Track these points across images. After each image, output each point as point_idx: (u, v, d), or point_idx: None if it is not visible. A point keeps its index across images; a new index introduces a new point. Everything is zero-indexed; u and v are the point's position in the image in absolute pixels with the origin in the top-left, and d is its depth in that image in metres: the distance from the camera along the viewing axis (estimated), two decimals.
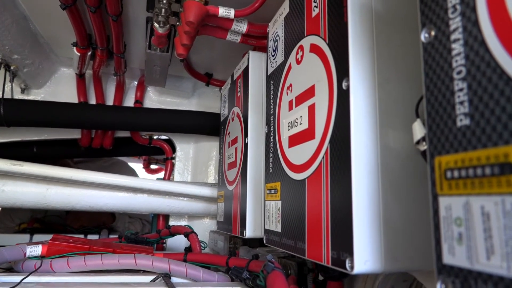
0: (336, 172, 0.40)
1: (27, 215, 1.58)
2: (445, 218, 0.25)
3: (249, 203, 0.70)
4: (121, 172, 1.69)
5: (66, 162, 1.54)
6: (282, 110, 0.58)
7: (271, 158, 0.61)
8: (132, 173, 2.00)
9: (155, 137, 1.40)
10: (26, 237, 1.33)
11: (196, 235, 0.85)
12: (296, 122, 0.52)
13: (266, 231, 0.60)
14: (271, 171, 0.60)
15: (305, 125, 0.49)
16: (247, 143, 0.74)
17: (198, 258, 0.74)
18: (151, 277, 0.65)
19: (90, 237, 1.33)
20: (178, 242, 1.16)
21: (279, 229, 0.54)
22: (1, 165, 0.94)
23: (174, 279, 0.66)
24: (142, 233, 1.13)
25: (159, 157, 2.06)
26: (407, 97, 0.41)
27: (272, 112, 0.63)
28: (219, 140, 1.06)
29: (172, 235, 0.93)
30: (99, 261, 0.66)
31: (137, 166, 2.45)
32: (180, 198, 1.13)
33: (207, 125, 1.18)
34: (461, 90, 0.25)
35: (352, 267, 0.35)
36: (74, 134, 1.27)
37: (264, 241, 0.60)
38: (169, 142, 1.39)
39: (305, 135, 0.48)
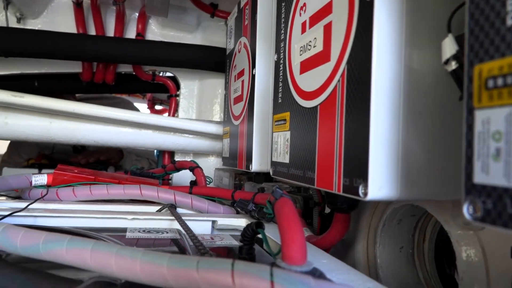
0: (353, 95, 0.37)
1: (35, 151, 1.59)
2: (480, 134, 0.22)
3: (256, 136, 0.68)
4: None
5: (67, 99, 1.51)
6: (294, 34, 0.53)
7: (280, 88, 0.57)
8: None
9: (159, 74, 1.35)
10: (34, 171, 1.35)
11: (202, 169, 0.85)
12: (309, 45, 0.47)
13: (273, 163, 0.58)
14: (280, 101, 0.57)
15: (319, 47, 0.45)
16: (255, 74, 0.70)
17: (204, 191, 0.74)
18: (157, 208, 0.66)
19: None
20: (184, 178, 1.16)
21: (287, 160, 0.52)
22: (1, 96, 0.92)
23: (179, 210, 0.66)
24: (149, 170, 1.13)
25: (163, 96, 2.02)
26: (438, 10, 0.36)
27: (282, 38, 0.58)
28: (224, 75, 1.01)
29: (178, 170, 0.92)
30: (105, 190, 0.66)
31: (141, 106, 2.42)
32: (185, 135, 1.11)
33: (212, 60, 1.13)
34: None
35: (365, 194, 0.33)
36: (75, 68, 1.22)
37: (271, 173, 0.59)
38: (173, 79, 1.35)
39: (319, 58, 0.44)
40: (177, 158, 1.27)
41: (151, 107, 2.41)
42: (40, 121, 1.01)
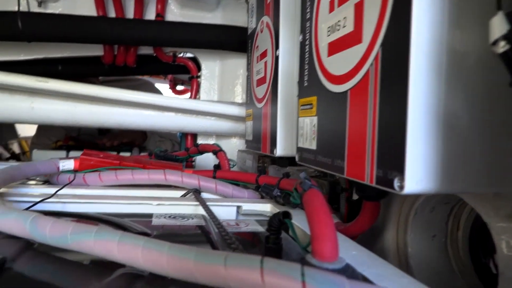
0: (388, 80, 0.34)
1: (62, 133, 1.63)
2: None
3: (280, 120, 0.66)
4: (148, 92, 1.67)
5: (91, 82, 1.53)
6: (321, 13, 0.50)
7: (306, 70, 0.55)
8: (158, 93, 1.98)
9: (180, 55, 1.34)
10: (63, 153, 1.38)
11: (225, 153, 0.84)
12: (338, 26, 0.44)
13: (299, 149, 0.56)
14: (305, 84, 0.55)
15: (349, 28, 0.42)
16: (278, 55, 0.67)
17: (227, 175, 0.74)
18: (181, 192, 0.66)
19: (121, 154, 1.36)
20: (207, 160, 1.17)
21: (314, 147, 0.50)
22: (27, 82, 0.93)
23: (203, 195, 0.66)
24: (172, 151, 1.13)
25: (185, 76, 2.01)
26: None
27: (308, 17, 0.55)
28: (246, 56, 0.99)
29: (201, 153, 0.92)
30: (130, 175, 0.67)
31: (163, 87, 2.43)
32: (207, 117, 1.11)
33: (233, 40, 1.10)
34: None
35: (401, 187, 0.31)
36: (97, 51, 1.23)
37: (297, 159, 0.58)
38: (194, 60, 1.33)
39: (349, 40, 0.42)
40: (200, 140, 1.27)
41: (173, 88, 2.41)
42: (65, 105, 1.02)
